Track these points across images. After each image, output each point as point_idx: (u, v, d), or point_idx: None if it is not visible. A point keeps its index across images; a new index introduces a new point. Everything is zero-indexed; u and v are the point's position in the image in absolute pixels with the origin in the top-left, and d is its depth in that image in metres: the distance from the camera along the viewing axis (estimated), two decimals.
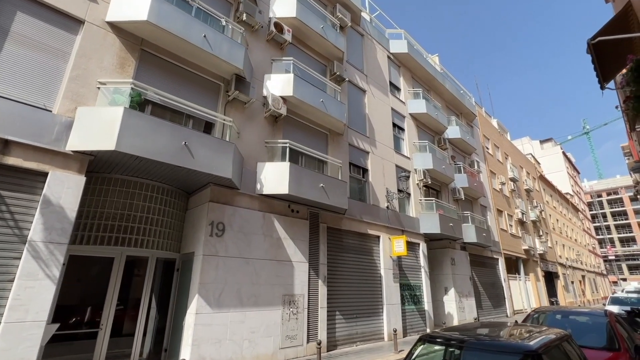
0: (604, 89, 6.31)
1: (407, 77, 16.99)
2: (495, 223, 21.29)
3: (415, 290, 12.82)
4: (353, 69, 13.39)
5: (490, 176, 23.06)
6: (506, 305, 19.28)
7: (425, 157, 15.14)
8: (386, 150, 13.71)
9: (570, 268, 35.27)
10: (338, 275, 10.09)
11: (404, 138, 15.44)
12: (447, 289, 15.04)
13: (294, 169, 8.62)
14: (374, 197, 12.26)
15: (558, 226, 36.01)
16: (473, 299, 16.09)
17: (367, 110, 13.47)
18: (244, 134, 8.72)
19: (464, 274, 15.97)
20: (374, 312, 10.84)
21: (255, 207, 8.37)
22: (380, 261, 11.64)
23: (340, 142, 11.58)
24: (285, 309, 8.22)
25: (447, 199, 16.72)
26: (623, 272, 72.12)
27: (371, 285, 11.06)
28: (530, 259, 25.16)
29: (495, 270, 19.62)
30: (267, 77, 9.64)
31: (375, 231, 11.71)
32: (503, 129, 30.68)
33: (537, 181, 34.17)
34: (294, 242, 8.95)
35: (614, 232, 75.31)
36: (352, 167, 11.97)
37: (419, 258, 13.53)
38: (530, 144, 55.61)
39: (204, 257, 7.07)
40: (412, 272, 13.03)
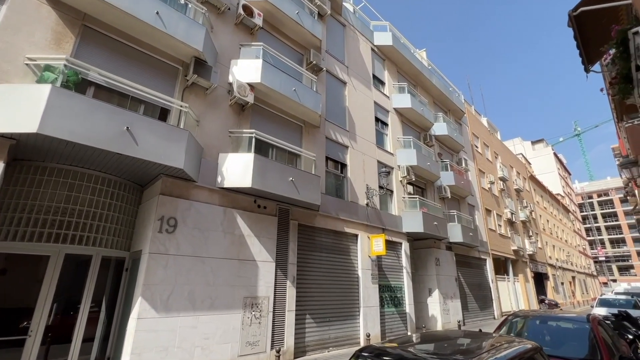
0: (588, 71, 5.77)
1: (392, 71, 16.42)
2: (483, 223, 20.81)
3: (396, 292, 12.21)
4: (333, 60, 12.77)
5: (479, 175, 22.59)
6: (494, 307, 18.78)
7: (409, 153, 14.56)
8: (367, 145, 13.10)
9: (561, 269, 35.01)
10: (310, 276, 9.43)
11: (387, 133, 14.85)
12: (431, 290, 14.46)
13: (259, 160, 7.96)
14: (352, 194, 11.64)
15: (548, 227, 35.75)
16: (458, 301, 15.53)
17: (348, 103, 12.86)
18: (205, 123, 8.04)
19: (449, 274, 15.41)
20: (350, 315, 10.20)
21: (215, 202, 7.68)
22: (358, 261, 11.01)
23: (316, 135, 10.94)
24: (247, 312, 7.54)
25: (432, 197, 16.16)
26: (613, 273, 72.43)
27: (347, 286, 10.42)
28: (520, 259, 24.75)
29: (482, 271, 19.11)
30: (234, 63, 8.97)
31: (352, 229, 11.09)
32: (493, 128, 30.31)
33: (528, 181, 33.87)
34: (260, 239, 8.28)
35: (604, 233, 75.65)
36: (329, 162, 11.33)
37: (400, 258, 12.93)
38: (522, 145, 55.53)
39: (150, 256, 6.38)
40: (393, 272, 12.42)
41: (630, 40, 4.21)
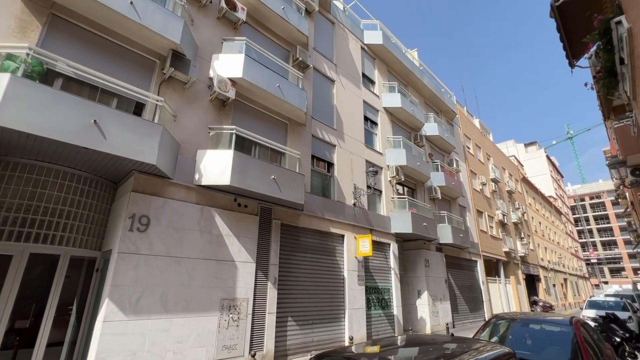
0: (573, 66, 5.61)
1: (383, 70, 16.25)
2: (474, 224, 20.70)
3: (383, 294, 11.99)
4: (321, 57, 12.56)
5: (471, 176, 22.50)
6: (484, 309, 18.63)
7: (398, 153, 14.38)
8: (356, 145, 12.90)
9: (552, 271, 35.07)
10: (293, 277, 9.17)
11: (376, 133, 14.66)
12: (420, 292, 14.26)
13: (239, 157, 7.70)
14: (339, 193, 11.41)
15: (540, 229, 35.82)
16: (448, 303, 15.35)
17: (336, 102, 12.65)
18: (183, 118, 7.77)
19: (438, 276, 15.23)
20: (334, 318, 9.95)
21: (192, 200, 7.40)
22: (344, 262, 10.78)
23: (301, 133, 10.71)
24: (224, 315, 7.26)
25: (422, 198, 15.99)
26: (605, 276, 72.96)
27: (332, 288, 10.18)
28: (511, 261, 24.68)
29: (473, 272, 18.97)
30: (215, 58, 8.71)
31: (339, 230, 10.85)
32: (485, 130, 30.31)
33: (520, 183, 33.92)
34: (240, 239, 8.01)
35: (596, 235, 76.26)
36: (315, 161, 11.10)
37: (388, 259, 12.72)
38: (515, 147, 55.84)
39: (119, 255, 6.08)
40: (381, 274, 12.20)
41: (613, 30, 4.03)
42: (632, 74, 4.48)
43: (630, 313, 12.43)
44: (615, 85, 4.91)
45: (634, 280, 66.15)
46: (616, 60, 4.43)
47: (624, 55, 4.26)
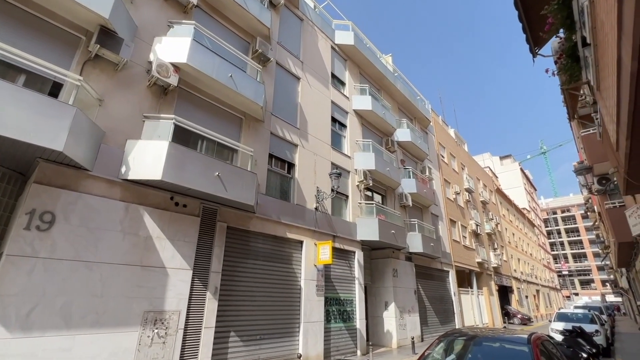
0: (535, 55, 5.15)
1: (354, 72, 15.78)
2: (447, 233, 20.32)
3: (345, 306, 11.18)
4: (286, 53, 11.90)
5: (444, 185, 22.25)
6: (455, 321, 18.09)
7: (367, 156, 13.80)
8: (321, 146, 12.21)
9: (525, 282, 35.26)
10: (239, 287, 8.24)
11: (345, 135, 14.06)
12: (387, 303, 13.54)
13: (176, 150, 6.81)
14: (299, 196, 10.63)
15: (514, 240, 36.11)
16: (417, 315, 14.69)
17: (301, 100, 11.97)
18: (113, 103, 6.84)
19: (407, 286, 14.58)
20: (287, 332, 9.04)
21: (115, 196, 6.44)
22: (302, 270, 9.93)
23: (259, 130, 9.92)
24: (147, 330, 6.25)
25: (392, 205, 15.42)
26: (575, 287, 74.87)
27: (286, 299, 9.29)
28: (484, 272, 24.45)
29: (445, 283, 18.47)
30: (158, 41, 7.86)
31: (297, 235, 10.03)
32: (461, 140, 30.46)
33: (494, 194, 34.19)
34: (174, 243, 7.06)
35: (567, 248, 78.44)
36: (273, 160, 10.31)
37: (353, 268, 11.96)
38: (490, 160, 56.90)
39: (7, 259, 5.04)
40: (344, 284, 11.41)
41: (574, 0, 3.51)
42: (595, 56, 3.96)
43: (597, 326, 12.11)
44: (578, 72, 4.41)
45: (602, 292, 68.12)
46: (578, 38, 3.91)
47: (585, 32, 3.74)
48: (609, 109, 4.35)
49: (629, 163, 4.64)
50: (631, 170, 4.77)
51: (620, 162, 4.84)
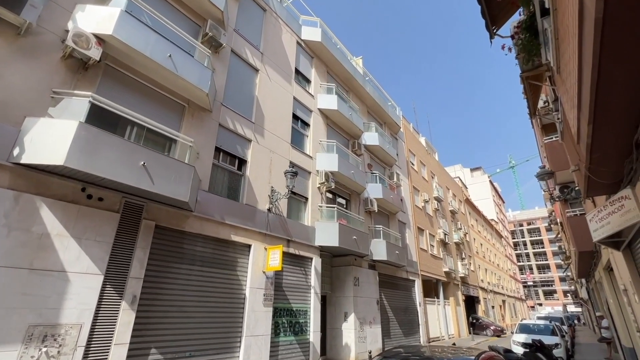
0: (493, 36, 4.62)
1: (321, 71, 15.16)
2: (414, 242, 19.89)
3: (298, 317, 10.25)
4: (243, 42, 11.06)
5: (413, 192, 21.94)
6: (420, 332, 17.51)
7: (331, 158, 13.08)
8: (279, 144, 11.37)
9: (492, 292, 35.59)
10: (166, 296, 7.15)
11: (307, 134, 13.30)
12: (347, 314, 12.71)
13: (88, 132, 5.73)
14: (250, 196, 9.70)
15: (481, 250, 36.51)
16: (379, 327, 13.94)
17: (258, 93, 11.12)
18: (10, 73, 5.71)
19: (369, 296, 13.84)
20: (225, 348, 7.98)
21: (2, 183, 5.28)
22: (247, 278, 8.95)
23: (205, 120, 8.96)
24: (31, 348, 5.07)
25: (357, 210, 14.75)
26: (539, 298, 77.31)
27: (226, 309, 8.25)
28: (451, 282, 24.22)
29: (410, 293, 17.91)
30: (81, 8, 6.81)
31: (244, 238, 9.06)
32: (431, 149, 30.59)
33: (463, 204, 34.51)
34: (81, 242, 5.92)
35: (532, 259, 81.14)
36: (221, 154, 9.36)
37: (308, 276, 11.08)
38: (461, 171, 58.14)
39: None
40: (297, 293, 10.49)
41: None
42: (554, 26, 3.39)
43: (558, 338, 11.82)
44: (537, 49, 3.85)
45: (564, 303, 70.65)
46: (536, 5, 3.32)
47: None
48: (569, 91, 3.79)
49: (591, 156, 4.10)
50: (593, 165, 4.24)
51: (582, 156, 4.31)
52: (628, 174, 4.39)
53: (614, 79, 2.95)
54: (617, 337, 12.28)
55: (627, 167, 4.17)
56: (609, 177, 4.36)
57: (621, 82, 3.04)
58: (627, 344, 10.17)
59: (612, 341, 13.20)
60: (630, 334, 9.94)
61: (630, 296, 6.99)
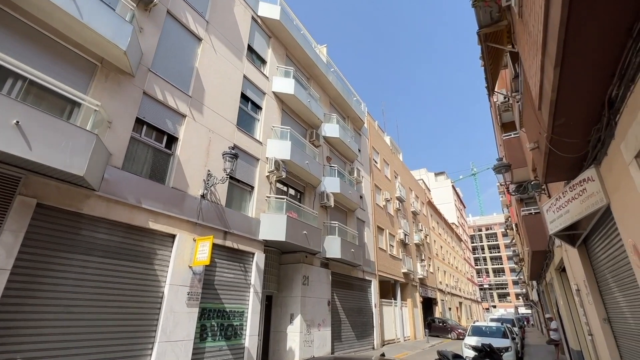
0: None
1: (279, 53, 14.05)
2: (373, 241, 19.24)
3: (232, 319, 9.03)
4: (184, 5, 9.71)
5: (375, 190, 21.35)
6: (374, 334, 16.80)
7: (283, 145, 11.99)
8: (222, 124, 10.12)
9: (449, 294, 36.07)
10: (48, 293, 5.70)
11: (259, 118, 12.13)
12: (293, 316, 11.65)
13: None
14: (179, 179, 8.38)
15: (441, 253, 36.93)
16: (329, 329, 13.00)
17: (199, 64, 9.81)
18: None
19: (320, 296, 12.87)
20: (128, 357, 6.62)
21: None
22: (168, 273, 7.62)
23: (124, 85, 7.54)
24: None
25: (311, 204, 13.75)
26: (494, 300, 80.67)
27: (133, 310, 6.89)
28: (410, 283, 23.91)
29: (366, 293, 17.18)
30: None
31: (167, 227, 7.73)
32: (396, 148, 30.39)
33: (426, 206, 34.70)
34: None
35: (489, 263, 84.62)
36: (145, 128, 7.97)
37: (248, 273, 9.90)
38: (426, 175, 59.22)
39: None
40: (233, 291, 9.27)
41: None
42: None
43: (508, 341, 11.49)
44: None
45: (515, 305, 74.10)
46: None
47: None
48: (533, 33, 2.98)
49: (554, 122, 3.33)
50: (555, 135, 3.48)
51: (543, 124, 3.54)
52: (594, 148, 3.68)
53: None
54: (565, 340, 12.17)
55: (594, 137, 3.45)
56: (572, 150, 3.64)
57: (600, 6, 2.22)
58: (575, 347, 9.93)
59: (559, 343, 13.15)
60: (578, 337, 9.69)
61: (583, 296, 6.49)
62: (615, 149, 3.22)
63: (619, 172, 3.28)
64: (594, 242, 5.43)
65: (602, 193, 3.77)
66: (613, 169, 3.45)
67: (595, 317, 5.86)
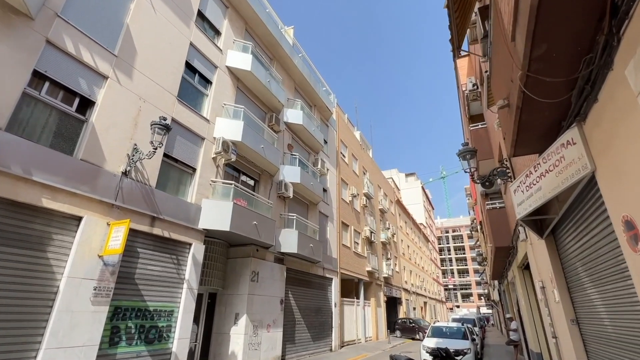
0: None
1: (238, 26, 12.75)
2: (337, 237, 18.31)
3: (156, 319, 7.68)
4: None
5: (341, 184, 20.45)
6: (332, 336, 15.85)
7: (234, 125, 10.73)
8: (158, 93, 8.72)
9: (415, 294, 36.01)
10: None
11: (207, 94, 10.79)
12: (238, 316, 10.42)
13: None
14: (94, 151, 6.94)
15: (408, 252, 36.82)
16: (280, 331, 11.86)
17: (131, 21, 8.35)
18: None
19: (271, 294, 11.71)
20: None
21: None
22: (67, 263, 6.19)
23: (17, 28, 6.03)
24: None
25: (267, 193, 12.57)
26: (458, 300, 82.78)
27: (16, 309, 5.43)
28: (374, 281, 23.25)
29: (325, 292, 16.19)
30: None
31: (70, 206, 6.30)
32: (366, 144, 29.76)
33: (394, 205, 34.39)
34: None
35: (455, 264, 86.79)
36: (47, 84, 6.48)
37: (182, 266, 8.57)
38: (397, 176, 59.49)
39: None
40: (161, 287, 7.93)
41: None
42: None
43: (468, 342, 10.88)
44: None
45: (478, 305, 76.39)
46: None
47: None
48: None
49: (532, 52, 2.39)
50: (533, 71, 2.56)
51: (518, 59, 2.61)
52: (578, 98, 2.80)
53: None
54: (524, 341, 11.76)
55: (584, 71, 2.55)
56: (551, 94, 2.76)
57: None
58: (535, 349, 9.42)
59: (519, 344, 12.78)
60: (539, 338, 9.17)
61: (549, 294, 5.79)
62: (612, 86, 2.34)
63: (614, 120, 2.41)
64: (565, 232, 4.68)
65: (586, 158, 2.92)
66: (603, 121, 2.58)
67: (561, 317, 5.13)
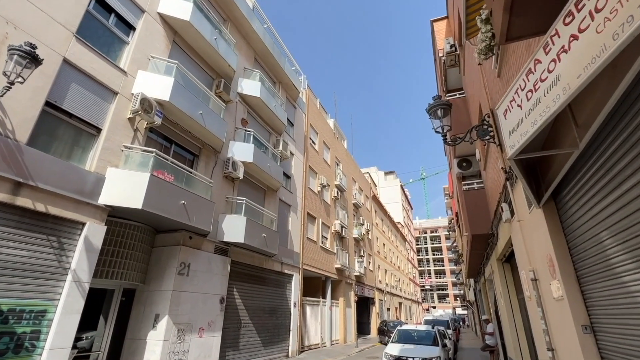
0: None
1: None
2: (300, 229, 16.43)
3: (13, 323, 5.56)
4: None
5: (308, 172, 18.59)
6: (290, 340, 13.95)
7: (161, 81, 8.67)
8: (41, 21, 6.58)
9: (389, 294, 34.61)
10: None
11: (128, 42, 8.68)
12: (159, 317, 8.36)
13: None
14: None
15: (384, 251, 35.38)
16: (218, 335, 9.87)
17: None
18: None
19: (207, 292, 9.70)
20: None
21: None
22: None
23: None
24: None
25: (209, 171, 10.55)
26: (434, 301, 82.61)
27: None
28: (344, 280, 21.49)
29: (283, 290, 14.28)
30: None
31: None
32: (341, 134, 28.00)
33: (370, 201, 32.86)
34: None
35: (432, 265, 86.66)
36: None
37: (67, 252, 6.46)
38: (376, 174, 58.27)
39: None
40: (26, 278, 5.80)
41: None
42: None
43: (438, 350, 9.23)
44: None
45: (454, 306, 76.35)
46: None
47: None
48: None
49: None
50: None
51: None
52: None
53: None
54: (502, 346, 10.25)
55: None
56: None
57: None
58: (515, 357, 7.86)
59: (495, 349, 11.29)
60: (520, 344, 7.60)
61: (544, 288, 4.10)
62: None
63: None
64: (579, 190, 2.99)
65: None
66: None
67: (566, 321, 3.43)
